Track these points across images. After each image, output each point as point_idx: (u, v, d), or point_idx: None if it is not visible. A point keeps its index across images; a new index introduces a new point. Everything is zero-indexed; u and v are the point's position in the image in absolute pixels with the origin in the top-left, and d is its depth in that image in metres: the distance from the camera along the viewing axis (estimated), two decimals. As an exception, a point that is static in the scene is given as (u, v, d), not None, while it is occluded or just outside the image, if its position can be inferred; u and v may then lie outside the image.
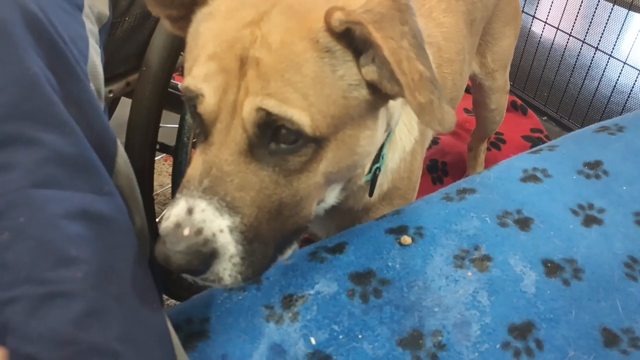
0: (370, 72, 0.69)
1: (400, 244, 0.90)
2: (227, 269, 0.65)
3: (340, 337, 0.77)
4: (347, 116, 0.70)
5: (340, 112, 0.69)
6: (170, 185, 1.25)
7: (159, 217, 1.57)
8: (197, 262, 0.62)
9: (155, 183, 1.39)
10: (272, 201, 0.68)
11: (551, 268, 0.87)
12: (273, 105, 0.64)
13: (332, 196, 0.87)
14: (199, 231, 0.62)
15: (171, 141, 1.20)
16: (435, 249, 0.89)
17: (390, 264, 0.87)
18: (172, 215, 0.64)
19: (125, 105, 1.17)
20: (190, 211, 0.63)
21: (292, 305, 0.80)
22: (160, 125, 1.10)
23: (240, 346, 0.76)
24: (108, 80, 1.03)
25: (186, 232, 0.62)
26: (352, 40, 0.68)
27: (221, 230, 0.63)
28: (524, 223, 0.94)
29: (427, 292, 0.83)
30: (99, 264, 0.62)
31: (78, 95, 0.70)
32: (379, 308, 0.81)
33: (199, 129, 0.71)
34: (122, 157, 0.76)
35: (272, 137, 0.67)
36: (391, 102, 0.81)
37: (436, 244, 0.90)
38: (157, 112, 1.06)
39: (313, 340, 0.76)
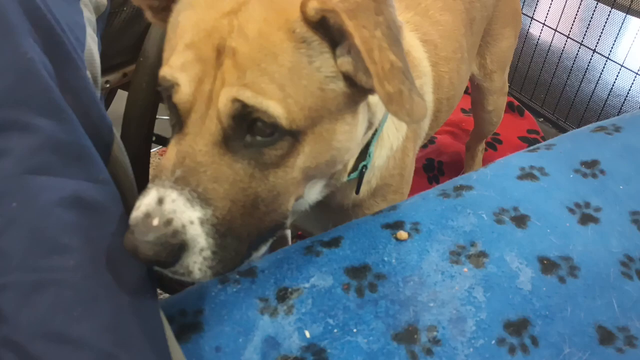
0: (345, 63, 0.68)
1: (397, 238, 0.90)
2: (197, 262, 0.64)
3: (335, 330, 0.77)
4: (324, 109, 0.69)
5: (317, 105, 0.68)
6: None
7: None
8: (165, 254, 0.61)
9: (150, 177, 1.38)
10: (246, 195, 0.67)
11: (547, 265, 0.87)
12: (249, 97, 0.63)
13: (313, 192, 0.86)
14: (168, 222, 0.61)
15: (167, 133, 1.19)
16: (431, 244, 0.89)
17: (386, 258, 0.87)
18: (142, 204, 0.63)
19: (121, 99, 1.16)
20: (160, 201, 0.62)
21: (287, 298, 0.80)
22: (157, 117, 1.09)
23: (234, 338, 0.75)
24: (105, 70, 1.02)
25: (155, 222, 0.61)
26: (329, 31, 0.67)
27: (191, 222, 0.62)
28: (520, 220, 0.94)
29: (423, 287, 0.83)
30: (92, 252, 0.61)
31: (74, 82, 0.70)
32: (374, 302, 0.80)
33: (174, 120, 0.70)
34: (117, 145, 0.75)
35: (247, 129, 0.66)
36: (373, 100, 0.81)
37: (432, 239, 0.90)
38: (154, 103, 1.06)
39: (307, 334, 0.76)
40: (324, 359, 0.73)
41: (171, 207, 0.62)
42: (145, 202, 0.63)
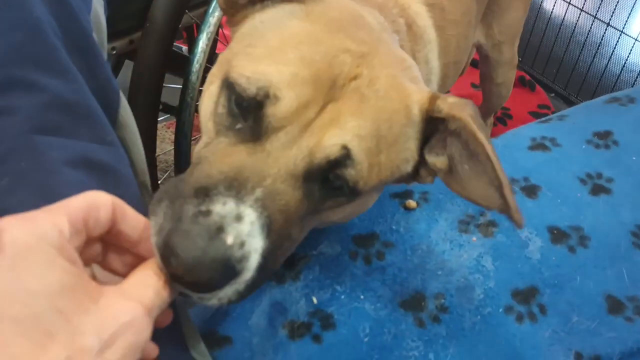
0: (440, 161, 0.69)
1: (405, 207, 0.89)
2: (229, 291, 0.54)
3: (342, 297, 0.76)
4: (385, 182, 0.68)
5: (387, 178, 0.67)
6: (173, 150, 1.23)
7: (161, 180, 1.57)
8: (220, 279, 0.51)
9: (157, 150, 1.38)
10: (288, 233, 0.61)
11: (557, 235, 0.86)
12: (357, 151, 0.60)
13: None
14: (241, 244, 0.52)
15: (174, 101, 1.18)
16: (440, 213, 0.88)
17: (394, 227, 0.86)
18: (215, 213, 0.53)
19: (129, 69, 1.15)
20: (238, 218, 0.53)
21: (295, 265, 0.80)
22: (164, 85, 1.08)
23: (241, 303, 0.75)
24: (111, 36, 1.01)
25: (230, 240, 0.51)
26: (430, 125, 0.68)
27: (256, 250, 0.54)
28: (531, 190, 0.93)
29: (431, 256, 0.82)
30: (100, 213, 0.61)
31: (81, 43, 0.69)
32: (381, 270, 0.80)
33: (241, 122, 0.61)
34: (125, 109, 0.74)
35: (324, 176, 0.61)
36: None
37: (441, 208, 0.89)
38: (161, 70, 1.05)
39: (315, 300, 0.76)
40: (331, 324, 0.73)
41: (248, 230, 0.53)
42: (221, 212, 0.53)
